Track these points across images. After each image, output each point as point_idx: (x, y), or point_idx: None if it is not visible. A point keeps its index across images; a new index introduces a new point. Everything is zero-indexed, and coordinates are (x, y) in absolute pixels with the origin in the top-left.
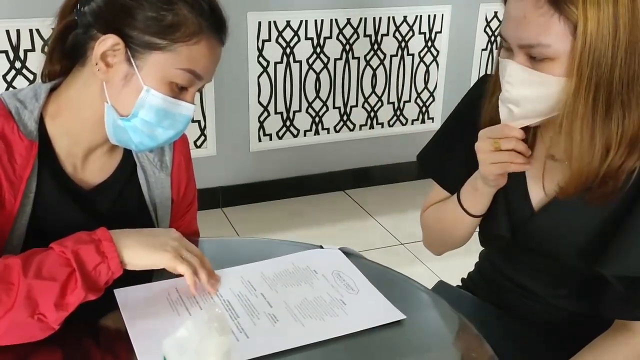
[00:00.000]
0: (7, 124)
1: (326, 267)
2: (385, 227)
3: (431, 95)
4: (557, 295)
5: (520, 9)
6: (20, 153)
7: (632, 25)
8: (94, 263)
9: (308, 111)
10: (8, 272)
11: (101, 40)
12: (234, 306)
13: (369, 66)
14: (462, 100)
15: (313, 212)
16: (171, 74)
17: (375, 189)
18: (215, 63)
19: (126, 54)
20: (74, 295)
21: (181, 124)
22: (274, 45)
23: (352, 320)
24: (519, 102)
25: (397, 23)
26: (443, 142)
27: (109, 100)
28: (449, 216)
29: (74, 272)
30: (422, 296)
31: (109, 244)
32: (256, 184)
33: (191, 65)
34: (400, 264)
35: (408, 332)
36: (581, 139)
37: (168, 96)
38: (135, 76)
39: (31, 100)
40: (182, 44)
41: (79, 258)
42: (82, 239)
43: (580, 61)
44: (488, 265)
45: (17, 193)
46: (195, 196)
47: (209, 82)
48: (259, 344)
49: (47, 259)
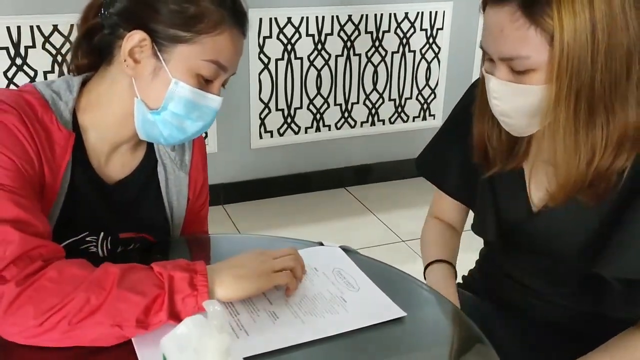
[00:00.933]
0: (46, 113)
1: (327, 264)
2: (386, 224)
3: (432, 92)
4: (558, 294)
5: (497, 23)
6: (58, 143)
7: (611, 28)
8: (183, 293)
9: (309, 108)
10: (105, 278)
11: (128, 36)
12: (234, 303)
13: (370, 63)
14: (457, 106)
15: (314, 209)
16: (197, 66)
17: (376, 185)
18: (238, 54)
19: (153, 49)
20: (157, 317)
21: (209, 115)
22: (275, 42)
23: (352, 318)
24: (510, 114)
25: (398, 20)
26: (440, 146)
27: (138, 95)
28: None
29: (163, 294)
30: (422, 293)
31: (202, 278)
32: (257, 181)
33: (216, 56)
34: (401, 261)
35: (408, 329)
36: (565, 146)
37: (196, 88)
38: (163, 69)
39: (65, 92)
40: (206, 35)
41: (172, 283)
42: (181, 266)
43: (558, 70)
44: (488, 263)
45: (56, 181)
46: (208, 196)
47: (233, 73)
48: (259, 342)
49: (144, 275)
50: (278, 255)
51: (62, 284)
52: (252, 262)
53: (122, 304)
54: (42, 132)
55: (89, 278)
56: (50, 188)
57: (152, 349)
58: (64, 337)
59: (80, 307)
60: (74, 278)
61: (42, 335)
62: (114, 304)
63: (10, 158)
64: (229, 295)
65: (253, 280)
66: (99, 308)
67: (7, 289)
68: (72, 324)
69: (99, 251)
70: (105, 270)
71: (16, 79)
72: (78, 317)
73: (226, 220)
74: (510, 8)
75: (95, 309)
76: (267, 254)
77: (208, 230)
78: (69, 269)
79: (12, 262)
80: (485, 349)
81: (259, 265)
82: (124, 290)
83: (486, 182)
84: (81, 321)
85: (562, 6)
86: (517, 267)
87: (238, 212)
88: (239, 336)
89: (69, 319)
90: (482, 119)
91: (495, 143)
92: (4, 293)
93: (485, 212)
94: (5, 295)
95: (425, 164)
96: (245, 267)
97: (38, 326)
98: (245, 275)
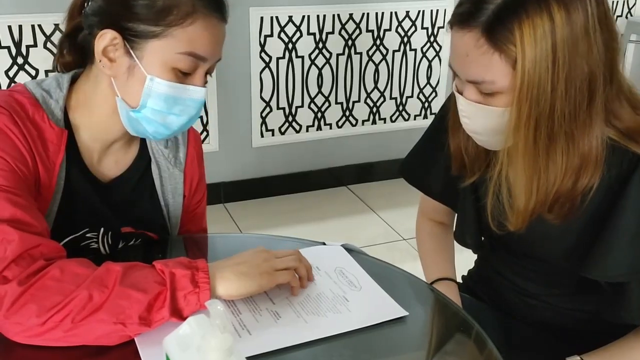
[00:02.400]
0: (37, 112)
1: (329, 263)
2: (388, 222)
3: (434, 91)
4: (554, 295)
5: (462, 48)
6: (51, 140)
7: (572, 55)
8: (185, 290)
9: (310, 106)
10: (107, 276)
11: (99, 36)
12: (236, 303)
13: (372, 61)
14: (438, 113)
15: (315, 207)
16: (172, 60)
17: (377, 184)
18: (216, 41)
19: (125, 47)
20: (159, 314)
21: (193, 108)
22: (276, 41)
23: (354, 317)
24: (479, 132)
25: (399, 18)
26: (423, 153)
27: (118, 93)
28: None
29: (165, 291)
30: (424, 293)
31: (204, 275)
32: (258, 180)
33: (190, 48)
34: (402, 259)
35: (410, 328)
36: (524, 171)
37: (174, 82)
38: (138, 67)
39: (55, 90)
40: (177, 27)
41: (174, 280)
42: (182, 263)
43: (519, 96)
44: (486, 265)
45: (52, 179)
46: (205, 193)
47: (216, 61)
48: (261, 341)
49: (146, 273)
50: (281, 254)
51: (64, 283)
52: (255, 260)
53: (125, 301)
54: (34, 131)
55: (91, 276)
56: (46, 186)
57: (155, 349)
58: (67, 335)
59: (83, 305)
60: (76, 276)
61: (45, 334)
62: (117, 301)
63: (3, 158)
64: (231, 293)
65: (255, 278)
66: (102, 306)
67: (9, 288)
68: (75, 322)
69: (101, 247)
70: (107, 268)
71: (18, 77)
72: (81, 315)
73: (227, 219)
74: (474, 34)
75: (98, 306)
76: (269, 253)
77: (207, 227)
78: (71, 267)
79: (13, 261)
80: (486, 349)
81: (261, 263)
82: (127, 288)
83: (468, 189)
84: (84, 319)
85: (524, 34)
86: (511, 269)
87: (239, 211)
88: (241, 336)
89: (71, 316)
90: (457, 133)
91: (471, 152)
92: (7, 292)
93: (465, 218)
94: (8, 294)
95: (410, 170)
96: (247, 265)
97: (41, 325)
98: (247, 272)
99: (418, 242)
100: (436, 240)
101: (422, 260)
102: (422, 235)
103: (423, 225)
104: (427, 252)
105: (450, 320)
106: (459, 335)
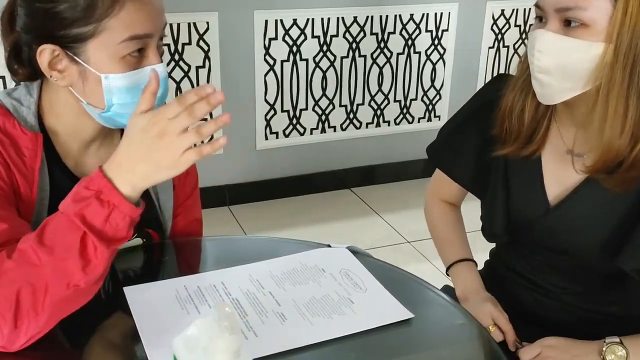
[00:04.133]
0: (7, 120)
1: (334, 265)
2: (392, 225)
3: (438, 94)
4: (572, 293)
5: None
6: (26, 146)
7: None
8: (102, 217)
9: (314, 109)
10: (25, 255)
11: (38, 54)
12: (243, 304)
13: (376, 64)
14: (476, 97)
15: (319, 210)
16: (117, 51)
17: (381, 187)
18: (154, 14)
19: (68, 55)
20: (98, 255)
21: (159, 87)
22: (280, 44)
23: (360, 319)
24: (551, 71)
25: (403, 21)
26: (456, 137)
27: (82, 100)
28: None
29: (85, 235)
30: (430, 295)
31: (110, 191)
32: (263, 182)
33: (130, 32)
34: (406, 262)
35: (416, 331)
36: (615, 109)
37: (129, 71)
38: (88, 70)
39: (26, 97)
40: (108, 18)
41: (85, 219)
42: (82, 196)
43: (620, 28)
44: (499, 263)
45: (32, 185)
46: (197, 182)
47: (162, 31)
48: (268, 343)
49: (56, 229)
50: (170, 113)
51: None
52: (145, 142)
53: (61, 268)
54: (6, 140)
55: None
56: (27, 194)
57: (162, 350)
58: (44, 323)
59: (31, 296)
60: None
61: (21, 336)
62: (55, 273)
63: None
64: (144, 185)
65: (157, 164)
66: (48, 286)
67: None
68: (38, 312)
69: None
70: (19, 248)
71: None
72: (38, 304)
73: (232, 222)
74: None
75: (45, 288)
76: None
77: (201, 218)
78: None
79: None
80: (493, 350)
81: (154, 141)
82: (50, 256)
83: (501, 178)
84: (43, 304)
85: None
86: (531, 266)
87: (243, 213)
88: (247, 337)
89: (33, 309)
90: (512, 91)
91: (515, 120)
92: None
93: (495, 208)
94: None
95: (438, 153)
96: (140, 153)
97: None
98: (145, 161)
99: (429, 223)
100: (449, 221)
101: (437, 243)
102: (434, 215)
103: (433, 205)
104: (442, 234)
105: (456, 321)
106: (465, 337)
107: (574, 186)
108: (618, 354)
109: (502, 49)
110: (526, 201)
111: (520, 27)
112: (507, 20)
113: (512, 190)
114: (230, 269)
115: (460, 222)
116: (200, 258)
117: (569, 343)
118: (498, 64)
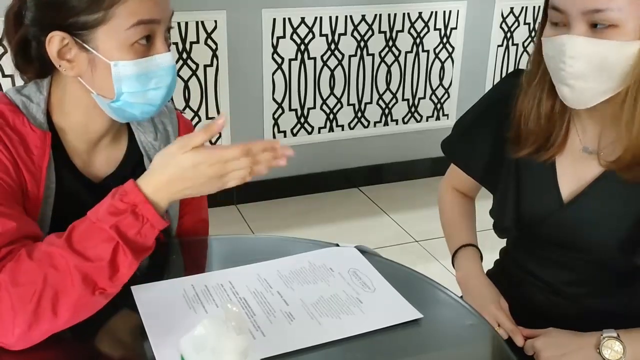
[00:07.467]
0: (17, 117)
1: (342, 265)
2: (400, 224)
3: (446, 92)
4: (584, 292)
5: None
6: (35, 144)
7: None
8: (135, 230)
9: (322, 108)
10: (50, 258)
11: (47, 42)
12: (250, 304)
13: (384, 63)
14: (492, 91)
15: (327, 209)
16: (126, 37)
17: (389, 186)
18: (160, 0)
19: (77, 43)
20: (126, 265)
21: (167, 76)
22: (288, 42)
23: (368, 319)
24: (587, 75)
25: (412, 19)
26: (471, 132)
27: (92, 90)
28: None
29: (118, 245)
30: (439, 295)
31: (144, 206)
32: (270, 181)
33: (138, 17)
34: (414, 261)
35: (425, 331)
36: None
37: (138, 59)
38: (97, 58)
39: (35, 94)
40: (117, 5)
41: (120, 230)
42: (118, 209)
43: None
44: (510, 262)
45: (39, 183)
46: None
47: (169, 21)
48: (276, 343)
49: (88, 237)
50: (228, 157)
51: (20, 286)
52: (198, 179)
53: (90, 275)
54: (15, 137)
55: (37, 268)
56: (34, 192)
57: (170, 350)
58: (60, 325)
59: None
60: (25, 274)
61: (34, 336)
62: (84, 278)
63: None
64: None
65: (204, 191)
66: (75, 289)
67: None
68: (59, 314)
69: None
70: (49, 252)
71: None
72: (58, 306)
73: (240, 221)
74: None
75: (69, 290)
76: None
77: (207, 218)
78: (19, 267)
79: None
80: (502, 351)
81: (209, 180)
82: (83, 262)
83: (513, 172)
84: (63, 307)
85: None
86: (542, 264)
87: (251, 213)
88: (255, 337)
89: (52, 312)
90: (525, 96)
91: (532, 125)
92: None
93: (506, 202)
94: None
95: (453, 147)
96: (189, 183)
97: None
98: (191, 188)
99: (441, 208)
100: (460, 208)
101: (445, 228)
102: (445, 202)
103: (447, 192)
104: (450, 219)
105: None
106: (474, 337)
107: (588, 182)
108: (615, 349)
109: (512, 47)
110: (539, 197)
111: (530, 25)
112: (516, 18)
113: (525, 185)
114: (238, 268)
115: (471, 211)
116: (208, 257)
117: (566, 338)
118: (507, 63)
